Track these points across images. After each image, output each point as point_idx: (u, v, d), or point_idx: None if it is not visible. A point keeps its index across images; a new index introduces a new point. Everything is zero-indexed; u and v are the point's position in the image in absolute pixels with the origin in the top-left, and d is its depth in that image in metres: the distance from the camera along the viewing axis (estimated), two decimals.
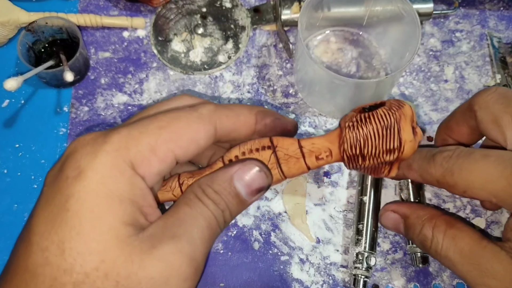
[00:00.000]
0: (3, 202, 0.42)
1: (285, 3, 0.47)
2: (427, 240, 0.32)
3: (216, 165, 0.31)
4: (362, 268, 0.38)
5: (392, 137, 0.30)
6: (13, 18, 0.46)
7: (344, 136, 0.30)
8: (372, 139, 0.30)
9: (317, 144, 0.31)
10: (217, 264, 0.39)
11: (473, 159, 0.29)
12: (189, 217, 0.26)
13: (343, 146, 0.30)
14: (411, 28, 0.40)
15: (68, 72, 0.41)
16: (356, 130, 0.30)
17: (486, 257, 0.29)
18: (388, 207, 0.36)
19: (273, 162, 0.31)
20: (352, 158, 0.31)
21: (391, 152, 0.30)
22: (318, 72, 0.40)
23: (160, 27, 0.48)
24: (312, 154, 0.31)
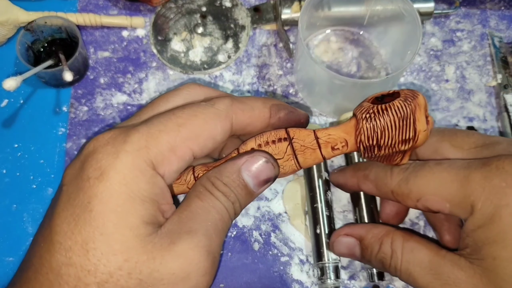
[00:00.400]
0: (2, 202, 0.42)
1: (285, 3, 0.47)
2: (386, 258, 0.32)
3: (232, 156, 0.31)
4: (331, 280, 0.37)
5: (408, 128, 0.30)
6: (12, 17, 0.46)
7: (361, 128, 0.31)
8: (389, 130, 0.30)
9: (333, 135, 0.31)
10: None
11: (428, 167, 0.30)
12: (202, 211, 0.27)
13: (360, 137, 0.31)
14: (412, 28, 0.40)
15: (67, 71, 0.41)
16: (373, 121, 0.30)
17: (447, 266, 0.29)
18: (339, 232, 0.35)
19: (290, 154, 0.31)
20: (368, 148, 0.31)
21: (407, 142, 0.30)
22: (318, 72, 0.40)
23: (159, 27, 0.48)
24: (328, 145, 0.31)
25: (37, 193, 0.42)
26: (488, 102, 0.46)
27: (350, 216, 0.41)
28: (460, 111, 0.45)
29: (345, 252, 0.35)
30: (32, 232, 0.41)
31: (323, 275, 0.37)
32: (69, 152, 0.43)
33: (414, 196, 0.30)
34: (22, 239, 0.40)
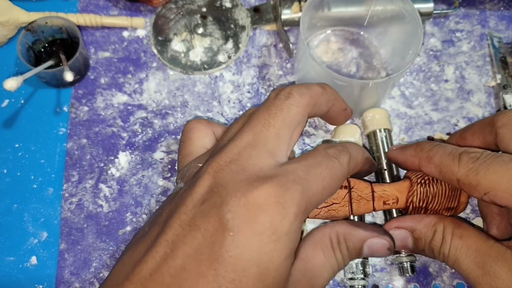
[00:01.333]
0: (3, 202, 0.42)
1: (285, 3, 0.47)
2: (437, 245, 0.32)
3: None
4: (358, 277, 0.37)
5: (454, 198, 0.34)
6: (12, 17, 0.46)
7: (415, 190, 0.35)
8: (439, 197, 0.34)
9: (387, 192, 0.35)
10: None
11: (502, 161, 0.29)
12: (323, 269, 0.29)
13: (412, 198, 0.35)
14: (413, 28, 0.40)
15: (68, 72, 0.41)
16: (427, 187, 0.34)
17: (492, 256, 0.29)
18: (388, 226, 0.35)
19: (346, 200, 0.35)
20: (416, 209, 0.35)
21: (450, 210, 0.35)
22: (319, 72, 0.40)
23: (160, 27, 0.48)
24: (381, 199, 0.35)
25: (37, 193, 0.42)
26: (487, 102, 0.46)
27: None
28: (460, 111, 0.46)
29: (398, 245, 0.35)
30: (32, 231, 0.41)
31: (354, 272, 0.37)
32: (69, 152, 0.43)
33: (483, 189, 0.30)
34: (23, 239, 0.40)
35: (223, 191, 0.26)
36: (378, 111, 0.42)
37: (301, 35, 0.39)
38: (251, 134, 0.29)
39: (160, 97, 0.46)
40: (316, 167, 0.28)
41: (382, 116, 0.42)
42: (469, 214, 0.41)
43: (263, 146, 0.28)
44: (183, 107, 0.45)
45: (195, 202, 0.26)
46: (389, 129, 0.42)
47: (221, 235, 0.24)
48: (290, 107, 0.30)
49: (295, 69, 0.46)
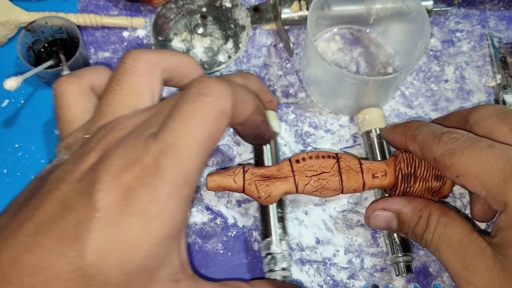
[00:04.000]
0: (3, 202, 0.42)
1: (285, 2, 0.47)
2: (420, 230, 0.32)
3: (283, 163, 0.36)
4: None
5: None
6: (12, 17, 0.46)
7: (401, 158, 0.35)
8: (425, 162, 0.35)
9: (374, 164, 0.36)
10: (217, 264, 0.39)
11: (478, 146, 0.29)
12: None
13: (400, 165, 0.35)
14: (419, 25, 0.41)
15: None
16: (412, 153, 0.35)
17: (473, 250, 0.29)
18: (375, 206, 0.35)
19: (336, 170, 0.36)
20: (405, 177, 0.35)
21: (438, 179, 0.35)
22: (327, 70, 0.40)
23: (160, 27, 0.48)
24: (370, 172, 0.36)
25: None
26: (487, 102, 0.46)
27: (350, 216, 0.41)
28: None
29: (382, 226, 0.35)
30: None
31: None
32: None
33: (455, 171, 0.30)
34: None
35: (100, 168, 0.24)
36: (370, 111, 0.42)
37: (308, 34, 0.39)
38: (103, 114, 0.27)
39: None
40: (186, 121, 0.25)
41: (374, 116, 0.42)
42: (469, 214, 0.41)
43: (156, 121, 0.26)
44: None
45: (73, 179, 0.24)
46: None
47: (88, 215, 0.22)
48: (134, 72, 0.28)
49: (302, 67, 0.46)
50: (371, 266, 0.39)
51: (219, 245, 0.40)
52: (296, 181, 0.36)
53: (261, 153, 0.40)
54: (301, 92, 0.46)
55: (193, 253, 0.40)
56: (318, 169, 0.36)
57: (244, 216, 0.41)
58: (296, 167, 0.36)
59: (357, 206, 0.41)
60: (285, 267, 0.36)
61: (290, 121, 0.45)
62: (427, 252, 0.40)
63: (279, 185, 0.36)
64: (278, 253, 0.36)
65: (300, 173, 0.36)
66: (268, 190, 0.35)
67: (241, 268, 0.39)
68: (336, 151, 0.43)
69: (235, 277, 0.39)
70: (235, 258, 0.40)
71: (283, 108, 0.45)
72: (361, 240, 0.40)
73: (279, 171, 0.36)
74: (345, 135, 0.44)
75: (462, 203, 0.42)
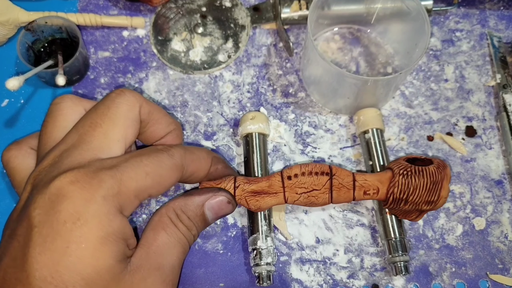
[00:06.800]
0: (3, 202, 0.42)
1: (284, 2, 0.47)
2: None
3: (275, 178, 0.36)
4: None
5: (434, 192, 0.35)
6: (12, 17, 0.46)
7: (396, 181, 0.35)
8: (420, 190, 0.35)
9: (368, 182, 0.36)
10: (217, 264, 0.39)
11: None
12: (168, 246, 0.29)
13: (393, 189, 0.35)
14: (419, 25, 0.41)
15: (60, 76, 0.41)
16: (409, 178, 0.35)
17: None
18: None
19: (327, 188, 0.35)
20: (396, 200, 0.35)
21: (429, 204, 0.35)
22: (327, 70, 0.40)
23: (160, 27, 0.48)
24: (362, 189, 0.36)
25: None
26: (487, 102, 0.46)
27: (350, 216, 0.41)
28: (459, 110, 0.46)
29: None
30: None
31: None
32: None
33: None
34: None
35: (35, 192, 0.25)
36: (365, 112, 0.42)
37: (309, 33, 0.39)
38: (76, 135, 0.28)
39: (160, 97, 0.46)
40: (137, 156, 0.28)
41: (369, 116, 0.42)
42: (469, 214, 0.42)
43: (87, 145, 0.28)
44: (183, 107, 0.45)
45: (17, 213, 0.26)
46: (381, 129, 0.42)
47: (29, 234, 0.24)
48: (119, 105, 0.29)
49: (303, 67, 0.46)
50: (371, 266, 0.40)
51: (219, 245, 0.40)
52: (286, 196, 0.36)
53: (250, 154, 0.41)
54: (301, 92, 0.46)
55: (193, 253, 0.40)
56: (309, 187, 0.35)
57: (244, 216, 0.41)
58: (287, 183, 0.36)
59: (357, 206, 0.42)
60: (269, 262, 0.37)
61: (289, 120, 0.45)
62: (427, 251, 0.40)
63: (269, 200, 0.36)
64: (264, 249, 0.37)
65: (291, 189, 0.36)
66: (257, 204, 0.36)
67: (241, 268, 0.39)
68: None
69: (235, 277, 0.39)
70: (235, 258, 0.40)
71: (283, 107, 0.45)
72: (361, 239, 0.40)
73: (270, 187, 0.36)
74: (345, 134, 0.44)
75: (462, 203, 0.42)
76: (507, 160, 0.43)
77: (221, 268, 0.39)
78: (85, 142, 0.28)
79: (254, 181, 0.36)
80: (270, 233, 0.38)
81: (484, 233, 0.41)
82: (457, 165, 0.43)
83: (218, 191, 0.34)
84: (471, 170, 0.43)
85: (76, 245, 0.24)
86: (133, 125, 0.30)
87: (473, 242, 0.41)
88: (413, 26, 0.42)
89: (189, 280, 0.39)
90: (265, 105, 0.45)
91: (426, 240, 0.41)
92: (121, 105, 0.30)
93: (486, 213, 0.42)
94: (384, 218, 0.39)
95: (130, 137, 0.30)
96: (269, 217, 0.38)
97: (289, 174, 0.36)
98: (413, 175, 0.35)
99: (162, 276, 0.28)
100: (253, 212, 0.38)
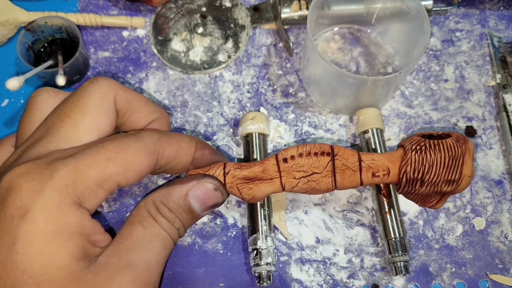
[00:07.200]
0: None
1: (284, 2, 0.47)
2: None
3: (269, 161, 0.32)
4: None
5: (455, 169, 0.30)
6: (12, 17, 0.46)
7: (409, 158, 0.30)
8: (437, 166, 0.30)
9: (377, 161, 0.31)
10: (217, 264, 0.39)
11: None
12: (144, 240, 0.26)
13: (405, 168, 0.31)
14: (419, 24, 0.41)
15: (60, 76, 0.41)
16: (423, 154, 0.30)
17: None
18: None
19: (329, 170, 0.31)
20: (410, 181, 0.31)
21: (450, 183, 0.30)
22: (327, 69, 0.40)
23: (159, 27, 0.48)
24: (370, 170, 0.31)
25: None
26: (487, 102, 0.46)
27: (350, 216, 0.41)
28: (459, 110, 0.46)
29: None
30: None
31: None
32: None
33: None
34: None
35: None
36: (364, 112, 0.42)
37: (308, 33, 0.39)
38: (44, 128, 0.27)
39: (160, 97, 0.46)
40: (99, 142, 0.26)
41: (369, 116, 0.42)
42: (469, 214, 0.42)
43: (52, 136, 0.26)
44: (183, 107, 0.45)
45: None
46: (381, 129, 0.42)
47: None
48: (91, 93, 0.28)
49: (303, 67, 0.46)
50: (371, 266, 0.40)
51: (219, 245, 0.40)
52: (282, 183, 0.32)
53: (250, 154, 0.40)
54: (301, 92, 0.46)
55: (193, 253, 0.40)
56: (308, 170, 0.31)
57: (244, 216, 0.41)
58: (283, 167, 0.31)
59: (357, 205, 0.42)
60: (269, 261, 0.37)
61: (290, 120, 0.45)
62: (427, 251, 0.40)
63: (263, 188, 0.32)
64: (264, 249, 0.37)
65: (288, 174, 0.32)
66: (251, 193, 0.32)
67: (241, 268, 0.39)
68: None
69: (235, 277, 0.39)
70: (235, 258, 0.40)
71: (283, 107, 0.45)
72: (361, 239, 0.40)
73: (264, 172, 0.32)
74: (345, 134, 0.44)
75: (462, 203, 0.42)
76: (507, 160, 0.43)
77: (221, 268, 0.39)
78: (52, 134, 0.26)
79: (246, 166, 0.32)
80: (270, 233, 0.38)
81: (484, 233, 0.41)
82: None
83: (203, 178, 0.30)
84: None
85: (23, 241, 0.22)
86: (107, 114, 0.28)
87: (473, 242, 0.41)
88: (413, 26, 0.42)
89: (189, 280, 0.39)
90: (265, 105, 0.45)
91: (426, 240, 0.41)
92: (93, 94, 0.28)
93: (486, 213, 0.42)
94: (384, 218, 0.39)
95: (104, 127, 0.28)
96: (269, 217, 0.38)
97: (284, 156, 0.32)
98: (427, 150, 0.30)
99: (133, 274, 0.25)
100: (253, 212, 0.38)
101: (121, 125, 0.31)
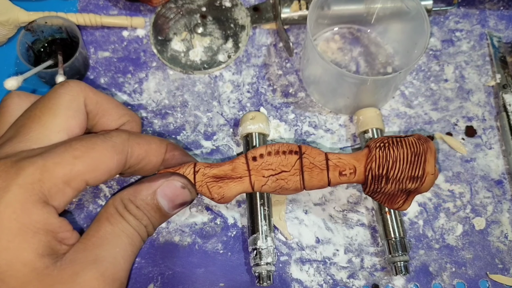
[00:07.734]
0: None
1: (284, 2, 0.47)
2: None
3: (238, 160, 0.32)
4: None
5: (418, 165, 0.31)
6: (12, 17, 0.46)
7: (373, 155, 0.32)
8: (401, 162, 0.31)
9: (343, 160, 0.32)
10: (217, 264, 0.39)
11: None
12: (111, 236, 0.27)
13: (371, 165, 0.32)
14: (419, 24, 0.41)
15: (60, 76, 0.41)
16: (387, 150, 0.31)
17: None
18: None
19: (297, 168, 0.32)
20: (376, 178, 0.32)
21: (414, 180, 0.31)
22: (326, 69, 0.40)
23: (159, 27, 0.48)
24: (337, 169, 0.32)
25: None
26: (487, 102, 0.46)
27: (350, 216, 0.41)
28: (459, 110, 0.46)
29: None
30: None
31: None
32: None
33: None
34: None
35: None
36: (364, 112, 0.42)
37: (308, 33, 0.39)
38: (14, 129, 0.27)
39: (160, 97, 0.46)
40: (68, 141, 0.27)
41: (368, 116, 0.42)
42: (469, 214, 0.42)
43: (22, 137, 0.26)
44: (183, 107, 0.45)
45: None
46: (381, 129, 0.42)
47: None
48: (61, 95, 0.28)
49: (303, 67, 0.46)
50: (371, 266, 0.40)
51: (219, 245, 0.40)
52: (252, 181, 0.32)
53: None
54: (300, 92, 0.46)
55: (193, 253, 0.40)
56: (276, 168, 0.32)
57: (244, 216, 0.41)
58: (252, 165, 0.32)
59: (357, 205, 0.42)
60: (269, 261, 0.37)
61: (289, 120, 0.45)
62: (427, 251, 0.40)
63: (233, 187, 0.32)
64: (264, 249, 0.37)
65: (257, 172, 0.32)
66: (221, 192, 0.32)
67: (241, 268, 0.39)
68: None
69: (235, 277, 0.39)
70: (235, 258, 0.40)
71: (283, 107, 0.45)
72: (361, 239, 0.40)
73: (234, 171, 0.32)
74: (345, 134, 0.44)
75: (462, 203, 0.42)
76: (507, 160, 0.43)
77: (221, 268, 0.39)
78: (21, 135, 0.27)
79: (216, 165, 0.32)
80: (270, 233, 0.38)
81: (484, 233, 0.41)
82: (457, 165, 0.43)
83: (171, 176, 0.30)
84: (471, 170, 0.43)
85: None
86: (77, 116, 0.29)
87: (473, 242, 0.41)
88: (413, 26, 0.42)
89: (189, 280, 0.39)
90: (265, 105, 0.45)
91: (426, 240, 0.41)
92: (63, 95, 0.28)
93: (486, 213, 0.42)
94: (384, 218, 0.39)
95: (73, 128, 0.28)
96: (269, 217, 0.38)
97: (254, 155, 0.32)
98: (391, 146, 0.32)
99: (99, 269, 0.25)
100: (253, 212, 0.38)
101: (92, 127, 0.32)
